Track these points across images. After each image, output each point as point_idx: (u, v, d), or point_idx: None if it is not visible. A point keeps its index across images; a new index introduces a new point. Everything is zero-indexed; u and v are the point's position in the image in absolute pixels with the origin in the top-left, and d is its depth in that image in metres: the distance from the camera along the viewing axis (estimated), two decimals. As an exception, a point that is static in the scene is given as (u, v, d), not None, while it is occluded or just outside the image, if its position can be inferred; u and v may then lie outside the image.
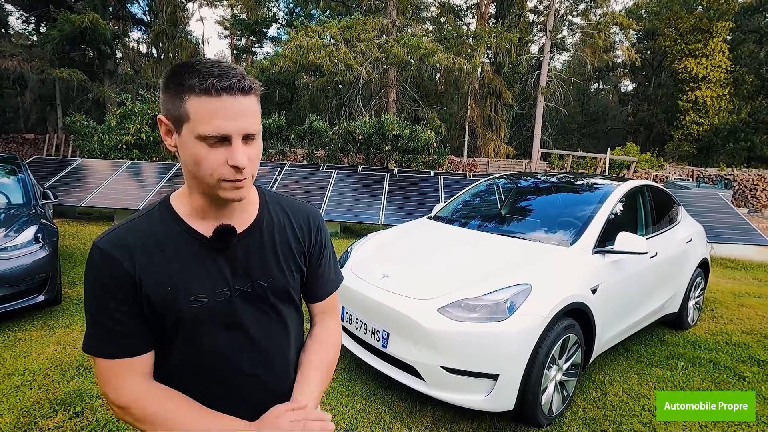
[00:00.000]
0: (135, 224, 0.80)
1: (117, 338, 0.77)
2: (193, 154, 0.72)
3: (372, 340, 2.52)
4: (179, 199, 0.83)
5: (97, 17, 17.05)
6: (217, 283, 0.80)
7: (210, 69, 0.70)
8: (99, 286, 0.77)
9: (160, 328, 0.80)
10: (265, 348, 0.87)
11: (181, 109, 0.70)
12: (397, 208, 7.86)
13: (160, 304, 0.77)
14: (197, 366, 0.83)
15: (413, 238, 3.40)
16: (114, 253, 0.76)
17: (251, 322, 0.84)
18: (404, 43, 15.20)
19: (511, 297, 2.30)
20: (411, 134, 13.57)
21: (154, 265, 0.77)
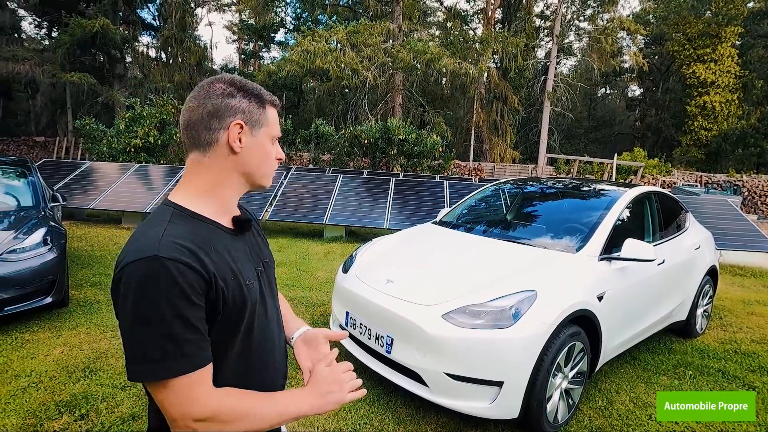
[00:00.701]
0: (172, 231, 0.79)
1: (196, 349, 0.75)
2: (266, 149, 0.92)
3: (376, 346, 2.52)
4: (192, 201, 0.86)
5: (107, 22, 17.29)
6: (251, 266, 0.91)
7: (269, 92, 0.94)
8: (178, 297, 0.73)
9: (229, 322, 0.83)
10: (279, 318, 1.03)
11: (262, 116, 0.90)
12: (403, 213, 7.86)
13: (231, 295, 0.81)
14: (253, 350, 0.89)
15: (418, 244, 3.39)
16: (182, 259, 0.74)
17: (270, 295, 0.98)
18: (410, 47, 15.25)
19: (516, 303, 2.29)
20: (417, 138, 13.58)
21: (214, 261, 0.80)
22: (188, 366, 0.74)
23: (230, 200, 0.92)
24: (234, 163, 0.88)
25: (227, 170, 0.88)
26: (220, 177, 0.88)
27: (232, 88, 0.87)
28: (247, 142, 0.87)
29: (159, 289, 0.72)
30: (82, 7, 20.68)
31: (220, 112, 0.84)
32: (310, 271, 5.40)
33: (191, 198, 0.86)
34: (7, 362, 2.80)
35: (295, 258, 6.08)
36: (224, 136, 0.85)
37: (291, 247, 6.83)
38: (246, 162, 0.89)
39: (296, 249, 6.69)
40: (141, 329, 0.72)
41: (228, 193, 0.90)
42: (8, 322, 3.31)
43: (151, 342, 0.72)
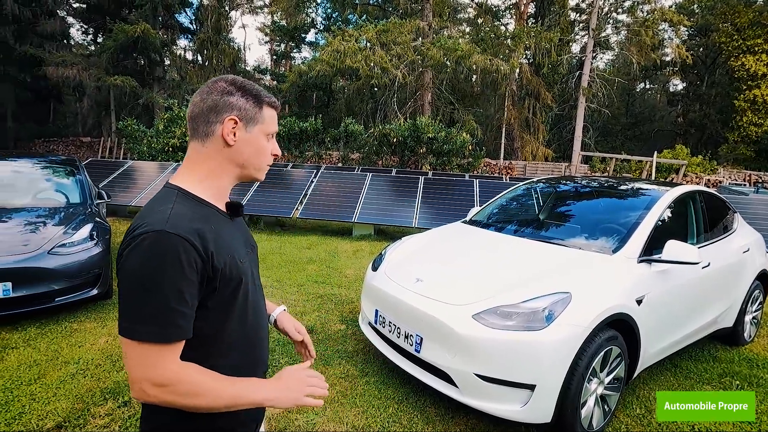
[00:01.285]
0: (178, 210, 0.87)
1: (182, 321, 0.82)
2: (260, 144, 0.99)
3: (405, 344, 2.52)
4: (193, 185, 0.95)
5: (148, 27, 18.05)
6: (243, 247, 1.02)
7: (269, 93, 1.02)
8: (177, 270, 0.80)
9: (227, 294, 0.91)
10: (263, 297, 1.12)
11: (258, 114, 0.97)
12: (432, 212, 7.81)
13: (228, 270, 0.89)
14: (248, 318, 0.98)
15: (448, 243, 3.36)
16: (186, 235, 0.82)
17: (257, 275, 1.09)
18: (440, 45, 15.10)
19: (549, 305, 2.23)
20: (446, 137, 13.47)
21: (215, 239, 0.88)
22: (173, 335, 0.81)
23: (225, 188, 1.00)
24: (228, 155, 0.96)
25: (222, 161, 0.96)
26: (216, 166, 0.96)
27: (232, 87, 0.96)
28: (241, 137, 0.95)
29: (163, 260, 0.80)
30: (125, 13, 21.68)
31: (218, 107, 0.93)
32: (340, 269, 5.46)
33: (192, 183, 0.95)
34: (57, 349, 2.98)
35: (325, 256, 6.16)
36: (219, 129, 0.93)
37: (320, 244, 6.92)
38: (239, 154, 0.97)
39: (326, 247, 6.77)
40: (140, 293, 0.80)
41: (223, 182, 0.98)
42: (58, 312, 3.53)
43: (146, 307, 0.80)
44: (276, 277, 4.98)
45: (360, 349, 3.20)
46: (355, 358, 3.07)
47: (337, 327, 3.61)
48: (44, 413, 2.27)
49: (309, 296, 4.35)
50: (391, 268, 2.95)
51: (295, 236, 7.52)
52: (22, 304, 3.26)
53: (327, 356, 3.07)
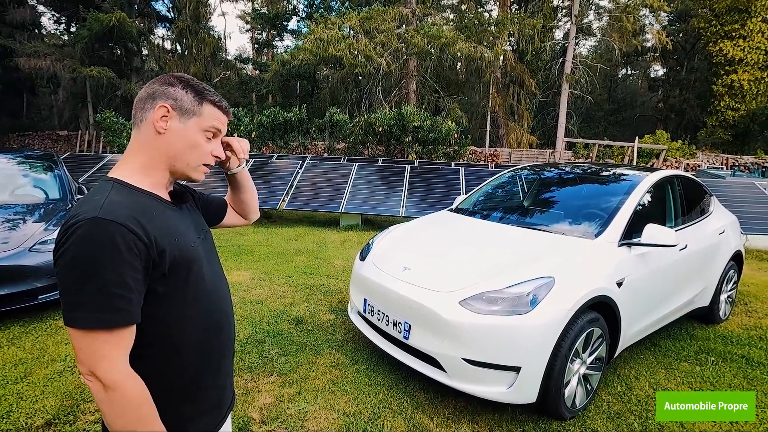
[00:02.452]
0: (113, 198, 0.86)
1: (120, 304, 0.80)
2: (195, 139, 0.97)
3: (394, 332, 2.56)
4: (131, 175, 0.94)
5: (123, 16, 17.50)
6: (193, 232, 1.03)
7: (218, 95, 1.03)
8: (115, 256, 0.79)
9: (179, 275, 0.92)
10: (225, 284, 1.13)
11: (196, 107, 0.96)
12: (418, 200, 7.85)
13: (175, 253, 0.90)
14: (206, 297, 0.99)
15: (434, 231, 3.40)
16: (122, 221, 0.81)
17: (213, 260, 1.10)
18: (424, 32, 15.00)
19: (533, 290, 2.29)
20: (431, 125, 13.48)
21: (156, 224, 0.88)
22: (114, 320, 0.80)
23: (161, 182, 0.99)
24: (158, 145, 0.95)
25: (154, 152, 0.95)
26: (149, 159, 0.95)
27: (176, 79, 0.97)
28: (172, 127, 0.94)
29: (98, 246, 0.79)
30: (99, 1, 20.94)
31: (155, 94, 0.94)
32: (328, 260, 5.47)
33: (130, 173, 0.95)
34: (43, 347, 2.94)
35: (313, 247, 6.16)
36: (150, 116, 0.93)
37: (308, 235, 6.92)
38: (169, 145, 0.95)
39: (313, 238, 6.77)
40: (77, 281, 0.79)
41: (157, 176, 0.97)
42: (43, 310, 3.48)
43: (84, 293, 0.79)
44: (264, 269, 4.97)
45: (350, 338, 3.24)
46: (345, 347, 3.11)
47: (326, 317, 3.64)
48: (33, 411, 2.25)
49: (298, 287, 4.36)
50: (379, 258, 2.98)
51: (282, 228, 7.50)
52: (5, 303, 3.20)
53: (317, 346, 3.10)
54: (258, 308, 3.75)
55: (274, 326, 3.40)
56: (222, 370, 1.07)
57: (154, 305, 0.88)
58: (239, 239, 6.45)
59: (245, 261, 5.27)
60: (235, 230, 7.12)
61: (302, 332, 3.32)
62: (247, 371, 2.72)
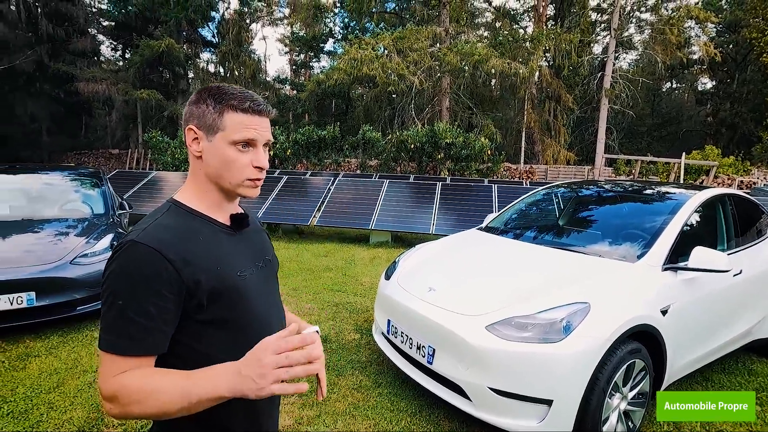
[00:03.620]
0: (162, 221, 0.86)
1: (146, 335, 0.78)
2: (226, 155, 0.89)
3: (417, 356, 2.46)
4: (190, 198, 0.93)
5: (172, 42, 18.68)
6: (248, 260, 0.96)
7: (243, 94, 0.91)
8: (140, 282, 0.77)
9: (221, 305, 0.85)
10: (280, 314, 1.04)
11: (217, 121, 0.88)
12: (449, 218, 7.72)
13: (213, 283, 0.83)
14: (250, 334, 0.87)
15: (462, 250, 3.29)
16: (156, 246, 0.79)
17: (270, 293, 1.01)
18: (457, 50, 15.04)
19: (567, 316, 2.13)
20: (464, 142, 13.35)
21: (197, 251, 0.84)
22: (128, 348, 0.77)
23: (218, 201, 0.94)
24: (202, 167, 0.92)
25: (201, 174, 0.92)
26: (201, 180, 0.93)
27: (199, 94, 0.92)
28: (204, 148, 0.90)
29: (127, 270, 0.78)
30: (151, 29, 22.50)
31: (186, 117, 0.92)
32: (356, 277, 5.43)
33: (189, 195, 0.93)
34: (77, 358, 3.04)
35: (342, 263, 6.15)
36: (186, 141, 0.91)
37: (337, 252, 6.92)
38: (208, 167, 0.91)
39: (342, 254, 6.76)
40: (107, 303, 0.78)
41: (212, 196, 0.93)
42: (81, 321, 3.61)
43: (109, 316, 0.78)
44: (293, 285, 4.99)
45: (374, 360, 3.15)
46: (369, 368, 3.02)
47: (351, 336, 3.57)
48: (61, 422, 2.30)
49: (324, 304, 4.33)
50: (404, 277, 2.90)
51: (312, 244, 7.55)
52: (46, 313, 3.36)
53: (340, 366, 3.03)
54: (283, 325, 3.74)
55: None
56: (261, 412, 0.94)
57: (193, 336, 0.84)
58: (270, 255, 6.53)
59: (274, 276, 5.32)
60: (267, 246, 7.24)
61: (326, 351, 3.26)
62: (268, 390, 2.68)
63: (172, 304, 0.79)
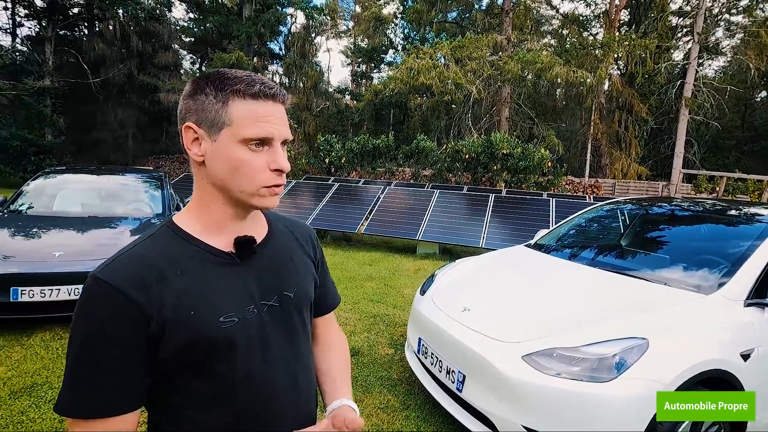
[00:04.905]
0: (139, 249, 0.71)
1: (106, 392, 0.64)
2: (235, 158, 0.70)
3: (447, 381, 2.26)
4: (186, 218, 0.77)
5: (241, 55, 19.86)
6: (244, 299, 0.74)
7: (251, 77, 0.72)
8: (96, 327, 0.64)
9: (185, 366, 0.69)
10: (296, 367, 0.81)
11: (221, 113, 0.69)
12: (501, 232, 7.35)
13: (184, 332, 0.66)
14: (233, 412, 0.72)
15: (505, 268, 3.05)
16: (118, 283, 0.64)
17: (281, 341, 0.78)
18: (518, 58, 14.51)
19: (620, 352, 1.85)
20: (523, 153, 12.79)
21: (170, 290, 0.67)
22: (85, 411, 0.64)
23: (222, 220, 0.76)
24: (205, 174, 0.74)
25: (204, 184, 0.75)
26: (204, 192, 0.75)
27: (196, 83, 0.72)
28: (207, 149, 0.71)
29: (85, 314, 0.65)
30: (225, 43, 24.16)
31: (181, 115, 0.73)
32: (398, 288, 5.29)
33: (186, 214, 0.78)
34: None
35: (385, 273, 6.04)
36: (184, 144, 0.73)
37: (382, 261, 6.83)
38: (213, 174, 0.72)
39: (387, 264, 6.66)
40: (67, 354, 0.66)
41: (215, 212, 0.75)
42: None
43: (67, 371, 0.66)
44: (333, 292, 4.95)
45: (405, 378, 2.98)
46: (398, 387, 2.86)
47: (384, 351, 3.43)
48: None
49: (362, 315, 4.23)
50: (439, 294, 2.72)
51: (359, 252, 7.53)
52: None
53: (369, 383, 2.90)
54: (317, 333, 3.69)
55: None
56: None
57: (168, 393, 0.70)
58: (316, 260, 6.59)
59: (317, 283, 5.32)
60: (314, 251, 7.32)
61: (356, 365, 3.15)
62: (292, 401, 2.61)
63: (138, 353, 0.65)
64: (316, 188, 9.65)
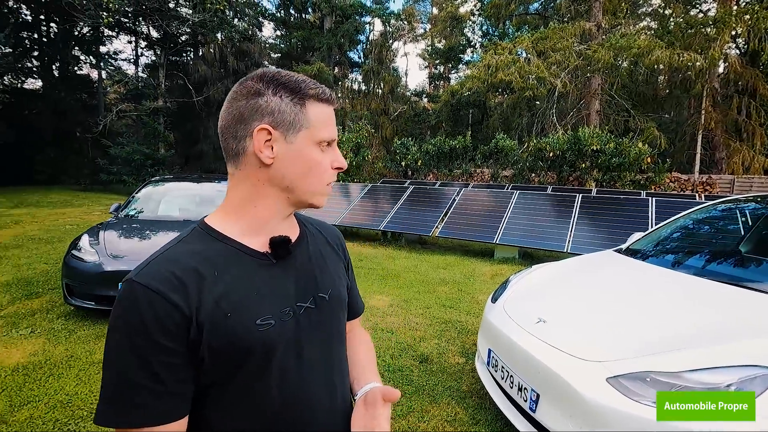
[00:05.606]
0: (174, 251, 0.69)
1: (150, 400, 0.62)
2: (310, 159, 0.73)
3: (519, 398, 2.06)
4: (220, 219, 0.75)
5: (322, 65, 20.90)
6: (281, 301, 0.72)
7: (315, 81, 0.74)
8: (136, 332, 0.61)
9: (220, 374, 0.66)
10: (333, 375, 0.80)
11: (299, 116, 0.71)
12: (590, 235, 6.71)
13: (222, 335, 0.64)
14: (267, 420, 0.70)
15: (590, 276, 2.73)
16: (156, 287, 0.62)
17: (318, 345, 0.77)
18: (611, 45, 13.19)
19: (737, 383, 1.52)
20: (616, 148, 11.61)
21: (208, 291, 0.65)
22: (129, 420, 0.61)
23: (265, 220, 0.74)
24: (267, 177, 0.71)
25: (259, 184, 0.72)
26: (251, 193, 0.73)
27: (261, 83, 0.71)
28: (280, 151, 0.70)
29: (123, 319, 0.62)
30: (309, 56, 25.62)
31: (245, 115, 0.70)
32: (472, 293, 5.07)
33: (221, 216, 0.75)
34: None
35: (460, 278, 5.84)
36: (251, 145, 0.70)
37: (457, 265, 6.61)
38: (282, 176, 0.71)
39: (462, 268, 6.43)
40: (105, 363, 0.63)
41: (262, 211, 0.73)
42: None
43: (108, 380, 0.62)
44: (405, 296, 4.90)
45: (475, 391, 2.81)
46: (468, 400, 2.70)
47: (455, 359, 3.28)
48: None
49: (433, 320, 4.11)
50: (511, 302, 2.51)
51: (433, 255, 7.39)
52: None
53: (437, 393, 2.78)
54: (386, 337, 3.65)
55: (396, 360, 3.22)
56: None
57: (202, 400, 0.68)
58: (390, 263, 6.59)
59: (389, 286, 5.31)
60: (387, 254, 7.34)
61: (424, 373, 3.04)
62: (356, 406, 2.59)
63: (180, 359, 0.63)
64: (391, 191, 9.71)
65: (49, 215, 10.24)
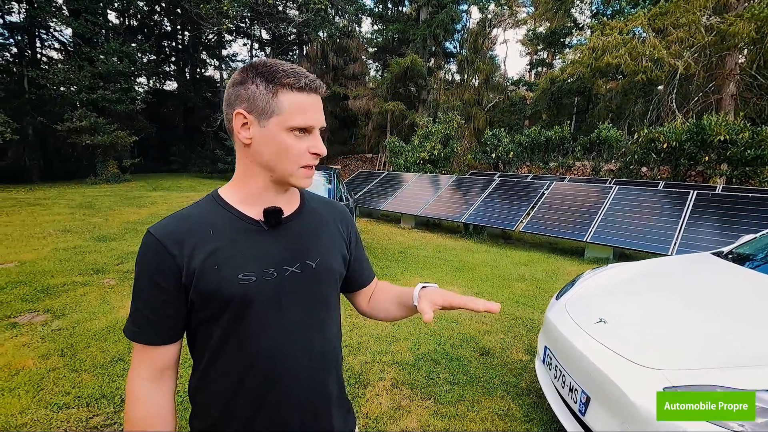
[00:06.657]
0: (185, 212, 0.85)
1: (144, 325, 0.80)
2: (281, 143, 0.80)
3: (569, 399, 1.97)
4: (228, 190, 0.88)
5: (415, 57, 20.95)
6: (265, 261, 0.82)
7: (296, 70, 0.80)
8: (144, 271, 0.79)
9: (207, 315, 0.80)
10: (312, 335, 0.87)
11: (271, 103, 0.78)
12: (703, 238, 5.86)
13: (207, 283, 0.77)
14: (246, 362, 0.81)
15: (671, 278, 2.45)
16: (162, 239, 0.78)
17: (300, 306, 0.85)
18: (753, 15, 11.06)
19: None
20: (752, 139, 9.82)
21: (202, 247, 0.79)
22: (137, 335, 0.80)
23: (258, 193, 0.85)
24: (251, 156, 0.83)
25: (248, 162, 0.84)
26: (245, 168, 0.85)
27: (245, 73, 0.80)
28: (255, 134, 0.80)
29: (139, 260, 0.80)
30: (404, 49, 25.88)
31: (231, 101, 0.81)
32: (551, 292, 4.80)
33: (228, 187, 0.89)
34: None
35: (541, 275, 5.55)
36: (233, 128, 0.81)
37: (540, 263, 6.28)
38: (260, 155, 0.81)
39: (545, 266, 6.09)
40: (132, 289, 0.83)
41: (255, 184, 0.85)
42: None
43: (131, 304, 0.83)
44: (477, 289, 4.83)
45: (535, 390, 2.71)
46: (524, 397, 2.62)
47: (517, 356, 3.18)
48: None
49: (502, 316, 4.01)
50: (573, 301, 2.37)
51: (516, 250, 7.11)
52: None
53: (492, 386, 2.74)
54: (450, 327, 3.66)
55: (457, 349, 3.23)
56: None
57: (196, 336, 0.84)
58: (467, 256, 6.51)
59: (462, 278, 5.27)
60: (466, 247, 7.24)
61: (482, 365, 3.01)
62: (408, 387, 2.68)
63: (173, 298, 0.79)
64: (477, 183, 9.50)
65: (177, 198, 12.00)
